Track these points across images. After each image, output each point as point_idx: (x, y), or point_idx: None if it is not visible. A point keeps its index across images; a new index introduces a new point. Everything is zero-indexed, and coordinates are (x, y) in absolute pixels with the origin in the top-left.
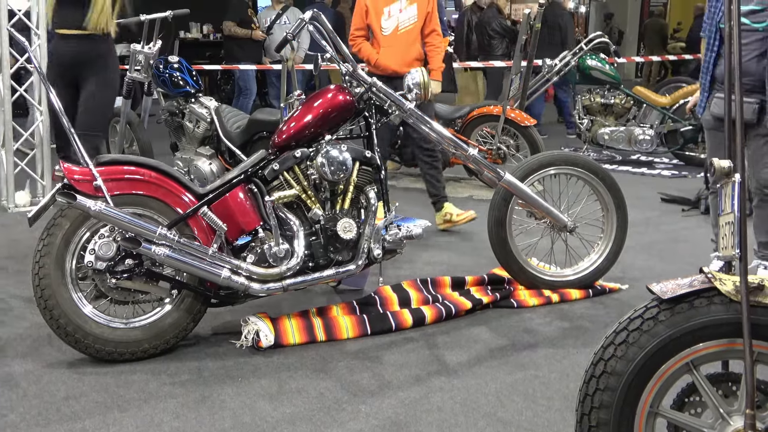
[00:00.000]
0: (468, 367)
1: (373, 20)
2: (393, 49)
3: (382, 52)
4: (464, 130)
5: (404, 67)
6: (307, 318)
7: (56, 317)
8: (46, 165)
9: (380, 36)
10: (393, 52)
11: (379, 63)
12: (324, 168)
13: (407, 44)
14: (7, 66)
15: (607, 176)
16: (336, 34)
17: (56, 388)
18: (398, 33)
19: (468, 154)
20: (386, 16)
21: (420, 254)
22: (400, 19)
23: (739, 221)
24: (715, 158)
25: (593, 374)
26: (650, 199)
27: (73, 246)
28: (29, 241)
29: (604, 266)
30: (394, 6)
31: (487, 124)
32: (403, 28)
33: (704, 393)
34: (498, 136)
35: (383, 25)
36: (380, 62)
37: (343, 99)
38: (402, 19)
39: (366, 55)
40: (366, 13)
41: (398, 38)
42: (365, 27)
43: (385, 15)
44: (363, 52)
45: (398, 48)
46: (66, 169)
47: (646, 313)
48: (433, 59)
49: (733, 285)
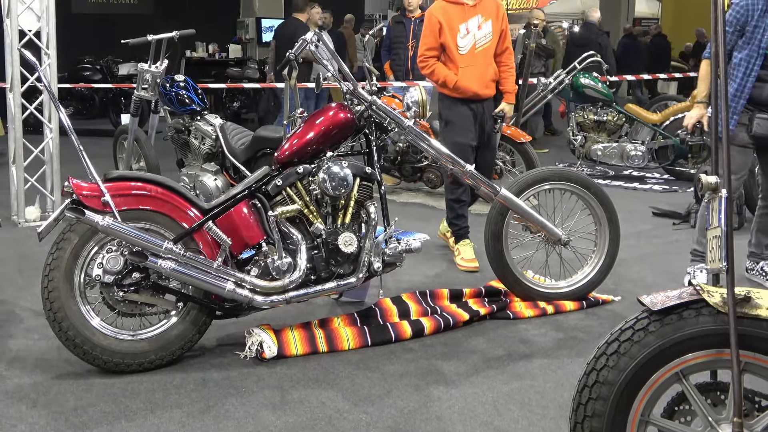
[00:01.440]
0: (465, 377)
1: (448, 38)
2: (472, 70)
3: (461, 73)
4: None
5: (484, 89)
6: (309, 329)
7: (65, 329)
8: (56, 181)
9: (456, 55)
10: (472, 73)
11: (459, 85)
12: (325, 183)
13: (485, 64)
14: (18, 85)
15: (600, 191)
16: (337, 54)
17: (65, 398)
18: (476, 52)
19: (465, 170)
20: (463, 33)
21: (419, 267)
22: (477, 37)
23: (726, 235)
24: (703, 174)
25: (586, 384)
26: (642, 212)
27: (82, 260)
28: (39, 255)
29: (597, 278)
30: (471, 22)
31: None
32: (480, 47)
33: (693, 402)
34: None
35: (460, 44)
36: (461, 84)
37: (343, 117)
38: (479, 36)
39: (442, 77)
40: (439, 31)
41: (476, 57)
42: (438, 46)
43: (462, 32)
44: (438, 74)
45: (477, 68)
46: (75, 185)
47: (636, 324)
48: (507, 81)
49: (721, 297)
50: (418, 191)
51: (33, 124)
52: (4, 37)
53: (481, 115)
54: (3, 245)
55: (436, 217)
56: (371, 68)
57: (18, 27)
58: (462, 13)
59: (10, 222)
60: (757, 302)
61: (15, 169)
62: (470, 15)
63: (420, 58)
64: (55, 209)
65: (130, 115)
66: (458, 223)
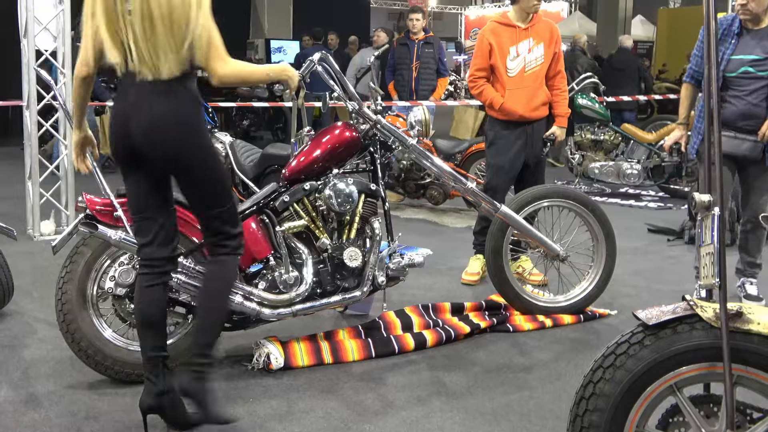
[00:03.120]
0: (466, 388)
1: (498, 60)
2: (519, 92)
3: (507, 95)
4: (463, 165)
5: (531, 112)
6: (315, 341)
7: (78, 340)
8: (70, 196)
9: (505, 77)
10: (520, 96)
11: (505, 107)
12: (331, 200)
13: (534, 87)
14: (35, 102)
15: (597, 208)
16: (343, 74)
17: (77, 407)
18: (525, 74)
19: (467, 187)
20: (512, 56)
21: (421, 281)
22: (527, 60)
23: (719, 252)
24: (696, 193)
25: (583, 396)
26: (637, 229)
27: (95, 273)
28: (53, 268)
29: (595, 293)
30: (522, 45)
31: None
32: (530, 70)
33: (687, 414)
34: None
35: (509, 66)
36: (506, 106)
37: (349, 135)
38: (529, 59)
39: (489, 99)
40: (490, 53)
41: (525, 80)
42: (488, 67)
43: (512, 54)
44: (486, 95)
45: (525, 91)
46: (88, 201)
47: (632, 338)
48: (559, 104)
49: (714, 312)
50: (421, 207)
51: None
52: (22, 56)
53: (530, 136)
54: (19, 258)
55: (439, 232)
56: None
57: (35, 47)
58: (513, 36)
59: (26, 236)
60: (749, 317)
61: (31, 184)
62: (522, 38)
63: (470, 79)
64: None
65: None
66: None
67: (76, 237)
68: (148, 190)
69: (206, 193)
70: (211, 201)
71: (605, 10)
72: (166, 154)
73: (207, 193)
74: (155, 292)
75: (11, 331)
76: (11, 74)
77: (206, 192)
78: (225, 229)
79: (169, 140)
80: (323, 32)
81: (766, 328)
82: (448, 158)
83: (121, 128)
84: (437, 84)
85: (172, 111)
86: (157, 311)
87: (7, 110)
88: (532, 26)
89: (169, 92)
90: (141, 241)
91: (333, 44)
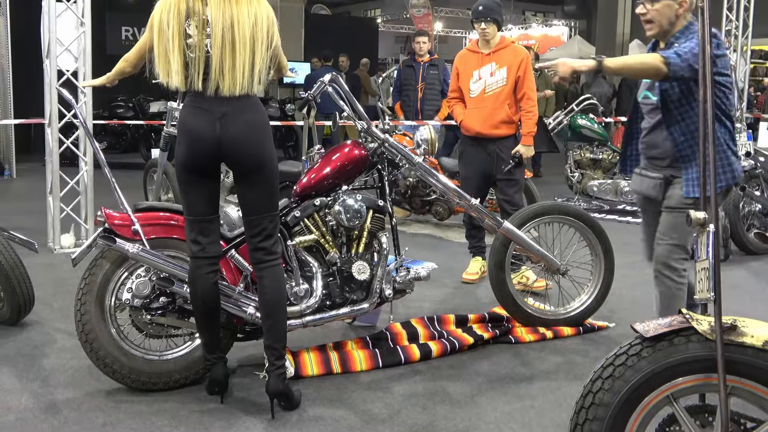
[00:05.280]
0: (470, 397)
1: (463, 82)
2: (478, 111)
3: (468, 113)
4: None
5: (489, 129)
6: (324, 351)
7: (96, 350)
8: (90, 210)
9: (467, 98)
10: (478, 114)
11: (464, 124)
12: (341, 215)
13: (494, 107)
14: (56, 121)
15: (596, 224)
16: (352, 95)
17: (95, 415)
18: (484, 95)
19: (470, 203)
20: (475, 79)
21: (427, 294)
22: (488, 82)
23: (714, 267)
24: (691, 210)
25: (583, 405)
26: (635, 244)
27: (113, 285)
28: (73, 280)
29: (593, 306)
30: (484, 69)
31: None
32: (491, 91)
33: (683, 423)
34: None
35: (471, 87)
36: (465, 123)
37: (358, 153)
38: (490, 81)
39: (455, 115)
40: (457, 76)
41: (484, 100)
42: (458, 89)
43: (474, 77)
44: (454, 113)
45: (483, 110)
46: (107, 215)
47: (630, 350)
48: (524, 124)
49: (709, 325)
50: (427, 223)
51: (69, 158)
52: (44, 76)
53: (493, 153)
54: (39, 270)
55: (443, 246)
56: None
57: (57, 67)
58: (477, 61)
59: (47, 248)
60: (743, 330)
61: (52, 199)
62: (485, 62)
63: (447, 99)
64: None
65: (160, 150)
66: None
67: (95, 250)
68: (210, 196)
69: (267, 192)
70: (268, 202)
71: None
72: (250, 154)
73: (267, 192)
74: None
75: (32, 341)
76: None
77: (267, 191)
78: (273, 232)
79: (256, 142)
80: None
81: (760, 341)
82: (453, 176)
83: (208, 138)
84: (442, 104)
85: (260, 118)
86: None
87: (29, 128)
88: (495, 52)
89: (252, 104)
90: (204, 240)
91: (344, 66)
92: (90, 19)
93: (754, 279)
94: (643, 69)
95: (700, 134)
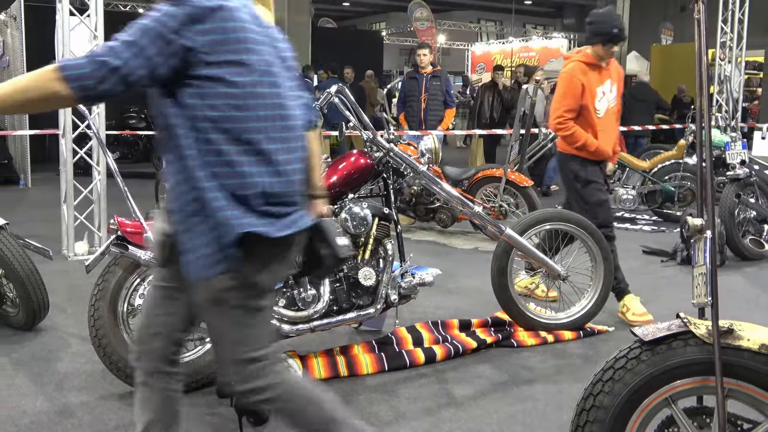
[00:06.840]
0: (473, 400)
1: (589, 101)
2: (607, 133)
3: (600, 136)
4: (470, 190)
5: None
6: (331, 355)
7: (109, 354)
8: (103, 218)
9: (594, 118)
10: (608, 136)
11: (599, 149)
12: (347, 223)
13: (615, 127)
14: (70, 131)
15: (595, 231)
16: (358, 105)
17: (108, 417)
18: (608, 114)
19: (473, 211)
20: (599, 96)
21: (431, 299)
22: (609, 99)
23: (711, 272)
24: (689, 216)
25: (584, 407)
26: (633, 251)
27: (125, 291)
28: (86, 286)
29: (593, 310)
30: (606, 84)
31: (490, 185)
32: (611, 109)
33: (681, 425)
34: (500, 195)
35: (597, 107)
36: (601, 148)
37: (364, 162)
38: (611, 98)
39: (582, 140)
40: (582, 93)
41: (609, 120)
42: (578, 108)
43: (599, 95)
44: (578, 137)
45: (610, 131)
46: (119, 223)
47: (629, 353)
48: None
49: (706, 329)
50: (431, 230)
51: (83, 167)
52: None
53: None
54: (54, 277)
55: (447, 253)
56: (389, 118)
57: None
58: (599, 76)
59: (61, 255)
60: (740, 334)
61: (66, 207)
62: (605, 78)
63: (558, 120)
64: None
65: None
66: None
67: (108, 257)
68: None
69: None
70: None
71: None
72: None
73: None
74: None
75: (46, 345)
76: None
77: None
78: None
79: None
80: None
81: (756, 344)
82: (456, 184)
83: None
84: (444, 114)
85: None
86: None
87: (44, 139)
88: (610, 65)
89: None
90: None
91: (349, 77)
92: (103, 33)
93: (749, 284)
94: None
95: (698, 143)
